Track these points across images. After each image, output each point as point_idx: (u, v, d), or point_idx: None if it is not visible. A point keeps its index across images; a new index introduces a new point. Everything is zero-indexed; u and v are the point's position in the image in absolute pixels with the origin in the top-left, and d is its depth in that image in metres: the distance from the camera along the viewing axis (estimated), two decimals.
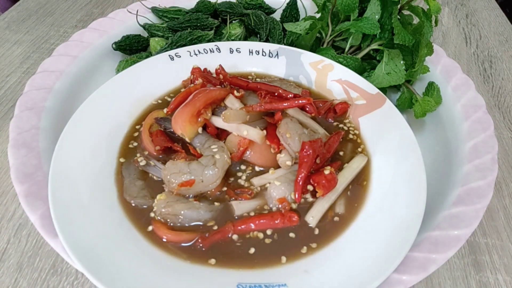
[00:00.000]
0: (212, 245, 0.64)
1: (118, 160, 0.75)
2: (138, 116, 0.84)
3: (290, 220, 0.66)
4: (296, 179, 0.67)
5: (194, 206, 0.67)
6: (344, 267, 0.61)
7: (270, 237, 0.65)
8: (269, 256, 0.63)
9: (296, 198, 0.67)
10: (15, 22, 1.23)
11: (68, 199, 0.64)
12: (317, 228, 0.67)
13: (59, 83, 0.91)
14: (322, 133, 0.79)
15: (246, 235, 0.66)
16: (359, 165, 0.76)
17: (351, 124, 0.86)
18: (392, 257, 0.60)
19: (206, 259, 0.62)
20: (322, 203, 0.69)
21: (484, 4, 1.52)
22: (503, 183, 0.87)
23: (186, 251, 0.63)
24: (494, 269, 0.72)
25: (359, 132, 0.84)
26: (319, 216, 0.68)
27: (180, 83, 0.91)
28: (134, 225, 0.66)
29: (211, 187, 0.69)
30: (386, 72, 0.90)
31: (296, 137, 0.71)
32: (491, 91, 1.11)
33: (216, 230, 0.66)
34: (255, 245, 0.64)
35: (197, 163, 0.69)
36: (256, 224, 0.66)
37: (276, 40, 1.09)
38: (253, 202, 0.69)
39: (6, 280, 0.66)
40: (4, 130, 0.90)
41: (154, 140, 0.77)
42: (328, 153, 0.74)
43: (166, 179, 0.69)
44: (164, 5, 1.14)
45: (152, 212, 0.67)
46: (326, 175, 0.68)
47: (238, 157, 0.74)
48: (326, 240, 0.65)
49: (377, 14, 0.92)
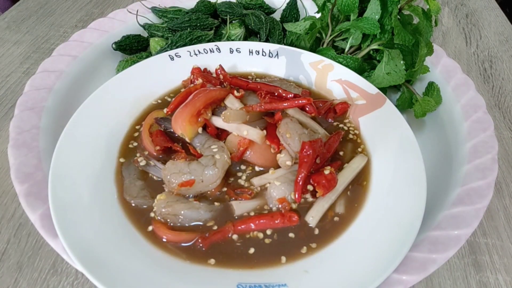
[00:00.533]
0: (212, 245, 0.64)
1: (118, 160, 0.75)
2: (138, 116, 0.84)
3: (290, 220, 0.66)
4: (296, 179, 0.67)
5: (194, 206, 0.67)
6: (344, 267, 0.61)
7: (270, 237, 0.65)
8: (269, 256, 0.63)
9: (296, 198, 0.67)
10: (15, 22, 1.23)
11: (68, 199, 0.64)
12: (317, 228, 0.67)
13: (59, 83, 0.91)
14: (322, 133, 0.79)
15: (246, 235, 0.66)
16: (359, 165, 0.76)
17: (351, 124, 0.85)
18: (392, 257, 0.60)
19: (206, 259, 0.62)
20: (322, 203, 0.69)
21: (484, 4, 1.52)
22: (503, 183, 0.87)
23: (186, 251, 0.63)
24: (494, 269, 0.72)
25: (359, 132, 0.84)
26: (319, 216, 0.68)
27: (180, 83, 0.91)
28: (134, 225, 0.65)
29: (211, 187, 0.69)
30: (386, 72, 0.90)
31: (296, 137, 0.71)
32: (491, 91, 1.11)
33: (216, 230, 0.65)
34: (255, 245, 0.64)
35: (197, 163, 0.69)
36: (256, 224, 0.66)
37: (276, 40, 1.09)
38: (253, 202, 0.69)
39: (6, 280, 0.66)
40: (4, 130, 0.90)
41: (154, 140, 0.77)
42: (328, 153, 0.74)
43: (166, 179, 0.69)
44: (164, 5, 1.14)
45: (152, 212, 0.67)
46: (326, 175, 0.68)
47: (238, 157, 0.74)
48: (326, 240, 0.65)
49: (377, 14, 0.92)
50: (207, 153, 0.71)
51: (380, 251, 0.61)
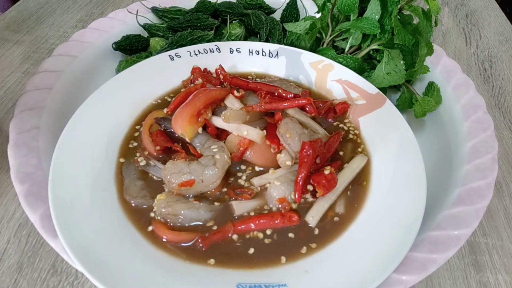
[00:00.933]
0: (212, 245, 0.64)
1: (118, 160, 0.75)
2: (138, 116, 0.84)
3: (290, 220, 0.66)
4: (296, 179, 0.67)
5: (194, 206, 0.67)
6: (344, 267, 0.61)
7: (269, 237, 0.65)
8: (269, 256, 0.63)
9: (296, 198, 0.67)
10: (15, 22, 1.23)
11: (68, 199, 0.64)
12: (317, 228, 0.67)
13: (59, 83, 0.90)
14: (322, 133, 0.79)
15: (246, 235, 0.66)
16: (359, 165, 0.76)
17: (351, 124, 0.85)
18: (392, 257, 0.60)
19: (205, 259, 0.62)
20: (322, 203, 0.69)
21: (484, 4, 1.51)
22: (503, 183, 0.87)
23: (186, 251, 0.63)
24: (494, 269, 0.72)
25: (359, 132, 0.84)
26: (319, 216, 0.68)
27: (180, 83, 0.91)
28: (134, 225, 0.65)
29: (211, 187, 0.69)
30: (386, 72, 0.90)
31: (296, 137, 0.71)
32: (491, 91, 1.11)
33: (216, 230, 0.65)
34: (254, 245, 0.64)
35: (197, 163, 0.69)
36: (256, 224, 0.66)
37: (276, 40, 1.09)
38: (253, 202, 0.69)
39: (6, 280, 0.66)
40: (4, 130, 0.90)
41: (154, 140, 0.77)
42: (328, 153, 0.74)
43: (166, 179, 0.69)
44: (164, 5, 1.14)
45: (152, 212, 0.67)
46: (326, 175, 0.68)
47: (238, 157, 0.74)
48: (326, 240, 0.65)
49: (377, 14, 0.92)
50: (207, 153, 0.71)
51: (380, 251, 0.61)
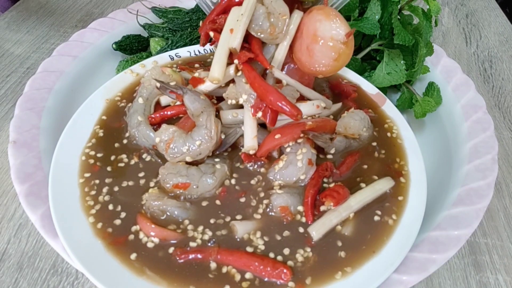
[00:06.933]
0: (188, 262, 0.59)
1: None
2: None
3: (279, 276, 0.58)
4: (305, 199, 0.65)
5: (184, 206, 0.65)
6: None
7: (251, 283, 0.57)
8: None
9: (307, 219, 0.64)
10: (15, 22, 1.23)
11: (68, 199, 0.64)
12: (310, 277, 0.58)
13: (59, 83, 0.90)
14: (328, 107, 0.78)
15: (223, 269, 0.59)
16: (383, 188, 0.69)
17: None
18: (392, 257, 0.60)
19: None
20: (330, 217, 0.64)
21: (484, 4, 1.52)
22: (503, 183, 0.87)
23: (164, 270, 0.58)
24: (494, 269, 0.72)
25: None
26: (324, 230, 0.63)
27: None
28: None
29: (204, 194, 0.67)
30: (386, 72, 0.90)
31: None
32: (491, 91, 1.11)
33: (197, 248, 0.60)
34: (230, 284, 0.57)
35: (196, 168, 0.68)
36: (239, 262, 0.59)
37: None
38: (254, 223, 0.64)
39: (6, 280, 0.66)
40: (4, 130, 0.90)
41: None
42: (341, 174, 0.71)
43: (163, 177, 0.68)
44: (164, 5, 1.14)
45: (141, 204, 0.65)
46: (334, 187, 0.67)
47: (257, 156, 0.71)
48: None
49: (377, 14, 0.92)
50: (208, 160, 0.70)
51: (380, 251, 0.61)
